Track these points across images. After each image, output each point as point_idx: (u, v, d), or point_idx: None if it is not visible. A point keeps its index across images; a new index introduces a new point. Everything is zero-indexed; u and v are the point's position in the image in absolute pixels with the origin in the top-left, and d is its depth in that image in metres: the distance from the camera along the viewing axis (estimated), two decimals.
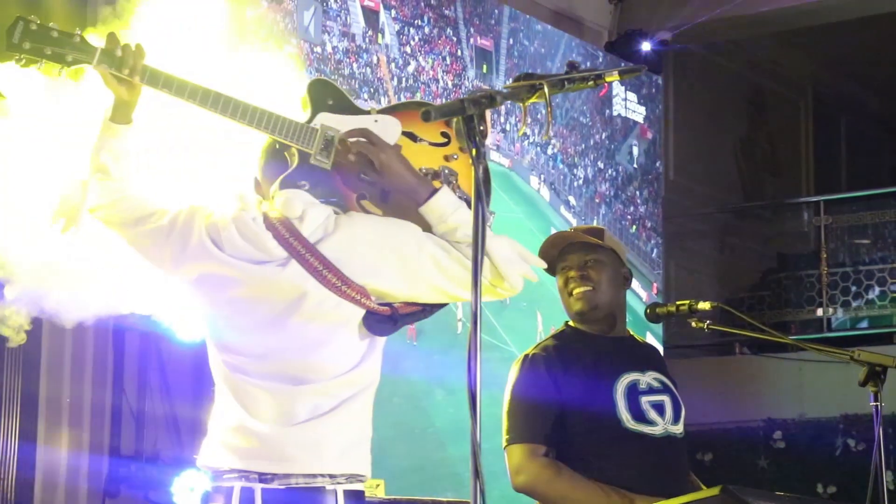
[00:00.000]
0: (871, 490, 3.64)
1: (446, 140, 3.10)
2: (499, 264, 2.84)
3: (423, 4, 7.46)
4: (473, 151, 2.49)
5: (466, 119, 2.49)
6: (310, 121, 3.01)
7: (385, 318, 2.91)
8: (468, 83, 7.70)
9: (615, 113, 8.95)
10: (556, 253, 3.92)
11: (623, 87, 8.97)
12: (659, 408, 3.84)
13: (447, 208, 2.89)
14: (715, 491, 3.22)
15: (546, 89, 2.67)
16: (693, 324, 3.97)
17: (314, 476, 2.82)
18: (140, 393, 6.65)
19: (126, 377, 6.57)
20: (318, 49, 6.58)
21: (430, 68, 7.39)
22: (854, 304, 10.35)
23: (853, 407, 9.02)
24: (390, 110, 3.11)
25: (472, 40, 7.78)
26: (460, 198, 2.97)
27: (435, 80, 7.45)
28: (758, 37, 10.92)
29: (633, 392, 3.82)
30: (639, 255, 9.26)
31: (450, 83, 7.57)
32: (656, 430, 3.80)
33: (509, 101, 2.63)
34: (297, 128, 2.97)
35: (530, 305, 7.59)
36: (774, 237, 11.35)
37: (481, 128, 2.50)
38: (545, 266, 2.89)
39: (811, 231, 10.83)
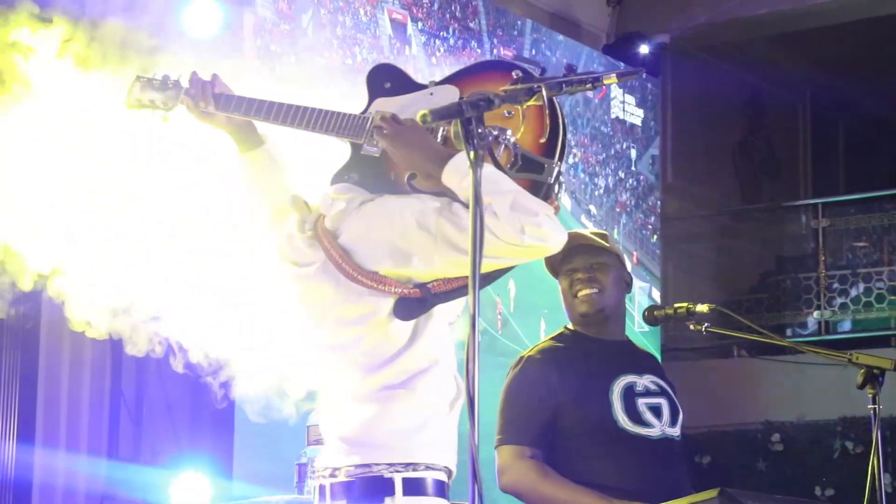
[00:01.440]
0: (868, 492, 3.64)
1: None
2: (500, 217, 2.71)
3: (448, 17, 7.58)
4: (471, 154, 2.48)
5: (464, 122, 2.49)
6: (365, 110, 2.96)
7: (411, 301, 2.84)
8: None
9: (613, 116, 8.96)
10: (561, 256, 3.90)
11: (621, 90, 8.98)
12: (656, 410, 3.83)
13: (455, 176, 2.76)
14: (713, 493, 3.21)
15: (544, 92, 2.67)
16: (691, 326, 3.96)
17: (368, 466, 2.83)
18: (138, 395, 6.64)
19: (124, 379, 6.56)
20: (349, 61, 6.66)
21: None
22: (852, 307, 10.35)
23: (851, 409, 9.03)
24: (452, 78, 3.00)
25: (495, 51, 7.90)
26: (514, 153, 2.82)
27: None
28: (756, 39, 10.92)
29: (630, 394, 3.82)
30: (660, 264, 9.29)
31: None
32: (653, 433, 3.79)
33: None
34: (348, 120, 2.93)
35: (551, 313, 7.60)
36: (772, 240, 11.35)
37: (479, 130, 2.50)
38: (554, 210, 2.80)
39: (809, 234, 10.84)
